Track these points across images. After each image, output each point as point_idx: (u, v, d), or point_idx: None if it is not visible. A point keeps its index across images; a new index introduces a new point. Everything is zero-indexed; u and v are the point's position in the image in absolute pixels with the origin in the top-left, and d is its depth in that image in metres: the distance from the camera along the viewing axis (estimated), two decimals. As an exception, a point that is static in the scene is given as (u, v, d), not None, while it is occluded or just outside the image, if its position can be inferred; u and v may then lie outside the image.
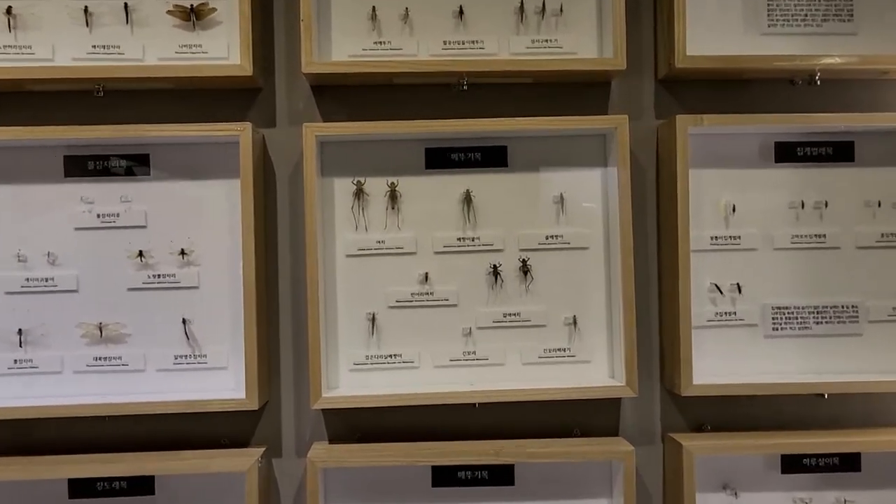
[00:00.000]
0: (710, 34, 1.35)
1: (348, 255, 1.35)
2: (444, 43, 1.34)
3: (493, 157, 1.37)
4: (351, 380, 1.35)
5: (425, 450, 1.30)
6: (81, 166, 1.33)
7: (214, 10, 1.31)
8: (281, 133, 1.36)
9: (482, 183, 1.36)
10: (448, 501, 1.35)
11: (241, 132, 1.25)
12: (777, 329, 1.39)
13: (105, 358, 1.33)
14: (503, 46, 1.35)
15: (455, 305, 1.37)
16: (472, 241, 1.37)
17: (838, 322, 1.39)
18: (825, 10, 1.36)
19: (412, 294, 1.36)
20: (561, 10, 1.35)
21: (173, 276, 1.33)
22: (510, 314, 1.37)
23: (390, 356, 1.36)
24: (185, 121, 1.29)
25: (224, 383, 1.33)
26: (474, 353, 1.37)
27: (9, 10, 1.29)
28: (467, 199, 1.36)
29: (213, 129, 1.28)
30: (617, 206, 1.33)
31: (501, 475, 1.36)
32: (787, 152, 1.39)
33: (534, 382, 1.34)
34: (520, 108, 1.34)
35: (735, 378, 1.35)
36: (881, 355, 1.39)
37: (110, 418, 1.28)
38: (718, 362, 1.37)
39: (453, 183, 1.36)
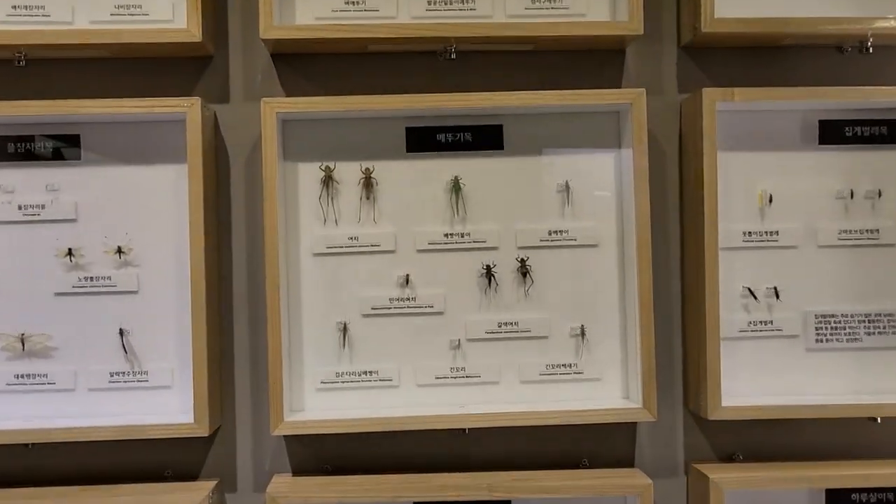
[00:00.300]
0: (742, -8, 1.31)
1: (315, 254, 1.29)
2: (429, 3, 1.27)
3: (486, 137, 1.30)
4: (318, 401, 1.29)
5: (406, 483, 1.23)
6: (0, 149, 1.25)
7: (157, -37, 1.26)
8: (236, 110, 1.30)
9: (473, 168, 1.30)
10: (433, 543, 1.27)
11: (189, 108, 1.19)
12: (821, 341, 1.32)
13: (28, 375, 1.25)
14: (498, 7, 1.28)
15: (441, 313, 1.30)
16: (462, 237, 1.30)
17: (893, 333, 1.32)
18: (878, -35, 1.30)
19: (391, 300, 1.29)
20: (566, -36, 1.30)
21: (108, 278, 1.25)
22: (506, 323, 1.31)
23: (365, 373, 1.30)
24: (123, 95, 1.22)
25: (169, 405, 1.26)
26: (464, 369, 1.31)
27: (-89, -35, 1.23)
28: (456, 187, 1.29)
29: (156, 105, 1.20)
30: (632, 196, 1.25)
31: (496, 513, 1.32)
32: (833, 132, 1.32)
33: (534, 404, 1.29)
34: (518, 81, 1.29)
35: (772, 399, 1.30)
36: (944, 372, 1.34)
37: (35, 446, 1.22)
38: (752, 380, 1.32)
39: (439, 168, 1.30)
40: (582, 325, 1.31)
